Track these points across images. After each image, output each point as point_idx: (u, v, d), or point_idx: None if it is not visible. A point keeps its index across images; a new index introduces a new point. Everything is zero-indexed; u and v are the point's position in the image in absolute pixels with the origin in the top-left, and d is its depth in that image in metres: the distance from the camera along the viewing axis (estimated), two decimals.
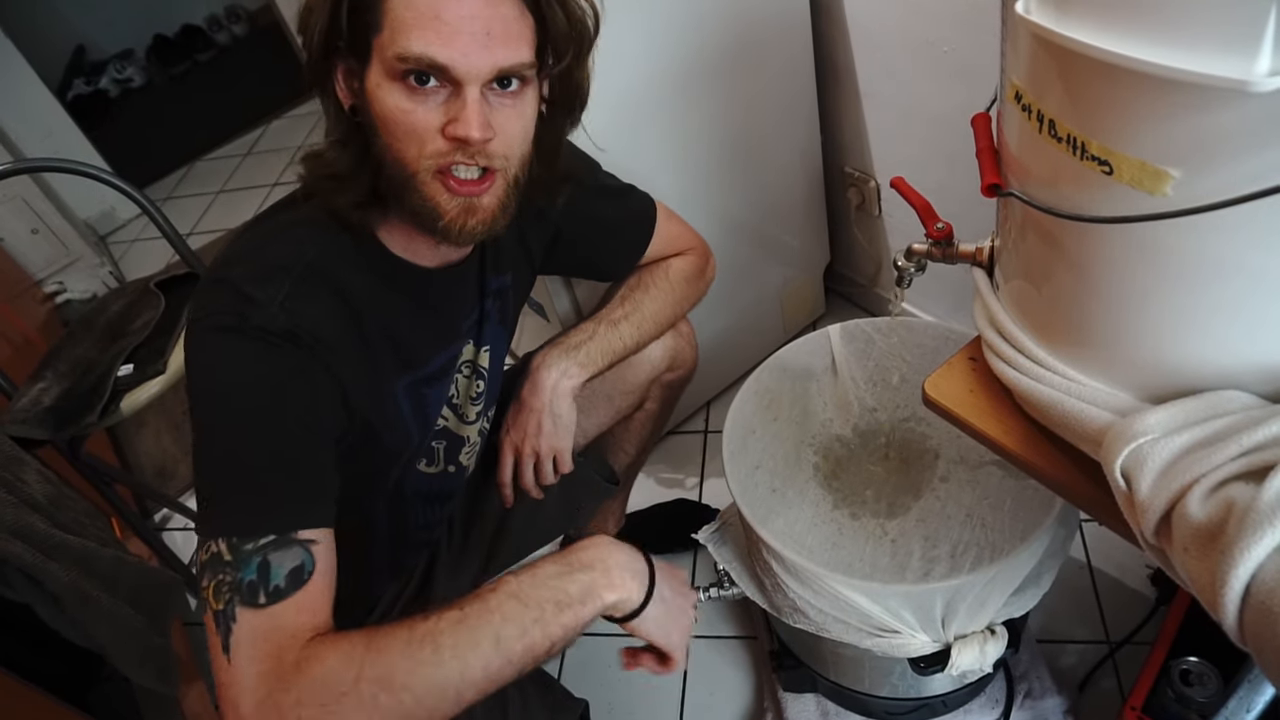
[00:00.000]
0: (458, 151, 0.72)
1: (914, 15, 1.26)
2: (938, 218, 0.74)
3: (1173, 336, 0.53)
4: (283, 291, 0.72)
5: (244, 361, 0.70)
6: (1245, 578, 0.45)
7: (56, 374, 1.32)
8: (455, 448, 0.97)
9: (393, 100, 0.70)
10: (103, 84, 3.73)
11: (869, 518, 0.96)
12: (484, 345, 0.96)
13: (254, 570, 0.64)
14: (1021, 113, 0.52)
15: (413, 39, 0.67)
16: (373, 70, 0.70)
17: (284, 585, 0.64)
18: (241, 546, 0.64)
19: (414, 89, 0.69)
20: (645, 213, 1.06)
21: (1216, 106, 0.40)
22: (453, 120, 0.70)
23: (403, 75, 0.69)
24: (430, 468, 0.94)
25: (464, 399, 0.96)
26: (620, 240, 1.06)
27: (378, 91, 0.70)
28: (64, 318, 2.51)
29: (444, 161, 0.72)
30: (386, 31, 0.68)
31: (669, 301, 1.07)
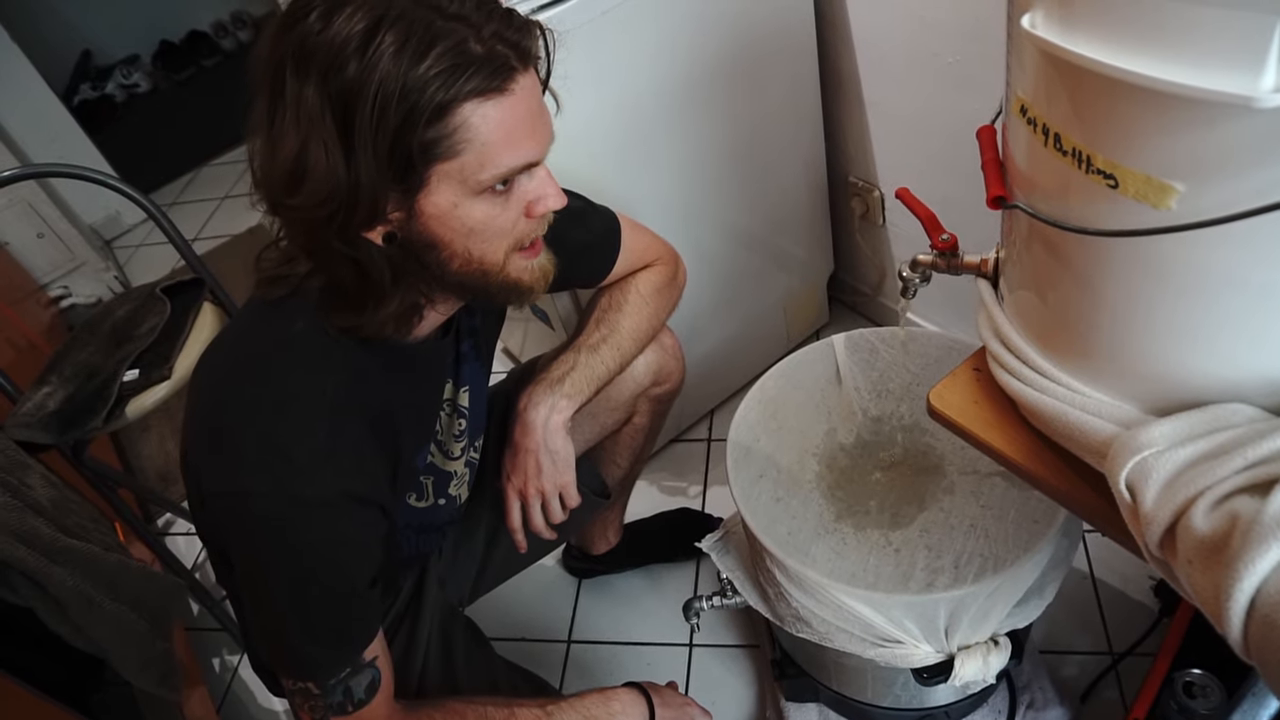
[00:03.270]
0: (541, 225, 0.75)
1: (918, 27, 1.26)
2: (943, 229, 0.74)
3: (1177, 349, 0.53)
4: (319, 440, 0.72)
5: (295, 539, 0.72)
6: (1250, 591, 0.45)
7: (61, 378, 1.33)
8: (443, 482, 0.97)
9: (480, 212, 0.69)
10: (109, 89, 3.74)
11: (873, 528, 0.96)
12: (463, 385, 0.96)
13: (340, 694, 0.78)
14: (1027, 126, 0.52)
15: (510, 155, 0.67)
16: (437, 194, 0.67)
17: (364, 696, 0.79)
18: (326, 683, 0.77)
19: (498, 193, 0.70)
20: (609, 229, 1.05)
21: (1221, 122, 0.40)
22: (537, 200, 0.72)
23: (491, 188, 0.69)
24: (420, 502, 0.95)
25: (447, 436, 0.96)
26: (586, 261, 1.05)
27: (455, 211, 0.69)
28: (69, 322, 2.52)
29: (526, 239, 0.75)
30: (471, 157, 0.66)
31: (644, 316, 1.06)
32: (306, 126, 0.62)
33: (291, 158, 0.63)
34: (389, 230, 0.69)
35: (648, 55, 1.21)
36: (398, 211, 0.68)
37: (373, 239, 0.69)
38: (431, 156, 0.65)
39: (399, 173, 0.65)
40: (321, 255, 0.71)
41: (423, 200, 0.67)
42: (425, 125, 0.63)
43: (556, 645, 1.46)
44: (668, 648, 1.43)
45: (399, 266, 0.72)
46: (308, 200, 0.64)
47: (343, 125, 0.62)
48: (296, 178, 0.64)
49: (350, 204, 0.64)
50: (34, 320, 2.30)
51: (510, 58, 0.65)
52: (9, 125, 2.63)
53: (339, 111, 0.62)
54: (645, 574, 1.52)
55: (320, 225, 0.66)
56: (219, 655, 1.63)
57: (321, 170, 0.63)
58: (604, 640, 1.45)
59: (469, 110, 0.64)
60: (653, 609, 1.48)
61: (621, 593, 1.50)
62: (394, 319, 0.75)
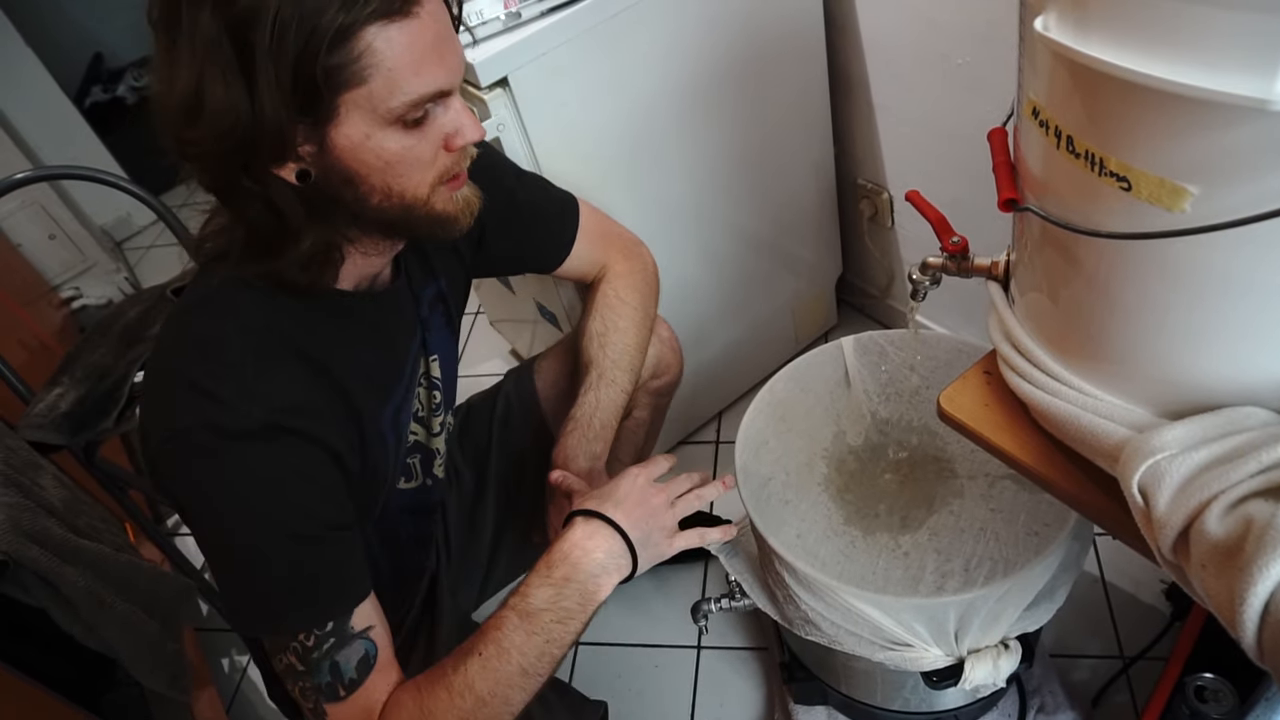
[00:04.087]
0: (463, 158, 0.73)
1: (928, 29, 1.26)
2: (953, 231, 0.74)
3: (1191, 352, 0.53)
4: (248, 376, 0.70)
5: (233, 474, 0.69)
6: (1264, 595, 0.44)
7: (73, 379, 1.33)
8: (428, 461, 0.97)
9: (393, 143, 0.67)
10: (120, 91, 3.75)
11: (882, 531, 0.96)
12: (432, 355, 0.95)
13: (327, 673, 0.72)
14: (1039, 128, 0.52)
15: (419, 81, 0.65)
16: (348, 125, 0.65)
17: (356, 676, 0.73)
18: (309, 656, 0.72)
19: (413, 125, 0.68)
20: (568, 201, 1.05)
21: (1236, 124, 0.40)
22: (455, 133, 0.70)
23: (403, 118, 0.66)
24: (409, 483, 0.94)
25: (427, 411, 0.96)
26: (548, 227, 1.04)
27: (368, 143, 0.66)
28: (80, 323, 2.53)
29: (449, 173, 0.73)
30: (379, 83, 0.63)
31: (637, 324, 1.06)
32: (203, 56, 0.60)
33: (189, 91, 0.61)
34: (302, 167, 0.67)
35: (657, 59, 1.21)
36: (309, 145, 0.66)
37: (285, 176, 0.67)
38: (338, 84, 0.62)
39: (304, 103, 0.62)
40: (231, 196, 0.68)
41: (334, 132, 0.65)
42: (328, 50, 0.60)
43: None
44: (676, 650, 1.42)
45: (314, 204, 0.69)
46: (208, 135, 0.62)
47: (241, 53, 0.60)
48: (194, 111, 0.61)
49: (254, 137, 0.62)
50: (45, 321, 2.32)
51: None
52: (21, 127, 2.65)
53: (236, 39, 0.59)
54: (653, 576, 1.52)
55: (225, 162, 0.64)
56: (228, 656, 1.63)
57: (221, 102, 0.61)
58: (611, 642, 1.45)
59: (373, 34, 0.62)
60: (661, 611, 1.48)
61: (629, 595, 1.50)
62: (309, 261, 0.72)
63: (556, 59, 1.11)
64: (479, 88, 1.09)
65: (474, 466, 1.17)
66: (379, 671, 0.75)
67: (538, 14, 1.09)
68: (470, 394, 1.26)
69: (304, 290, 0.74)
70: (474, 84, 1.09)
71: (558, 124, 1.17)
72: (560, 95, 1.15)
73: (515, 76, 1.09)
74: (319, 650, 0.72)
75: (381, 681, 0.75)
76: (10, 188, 1.32)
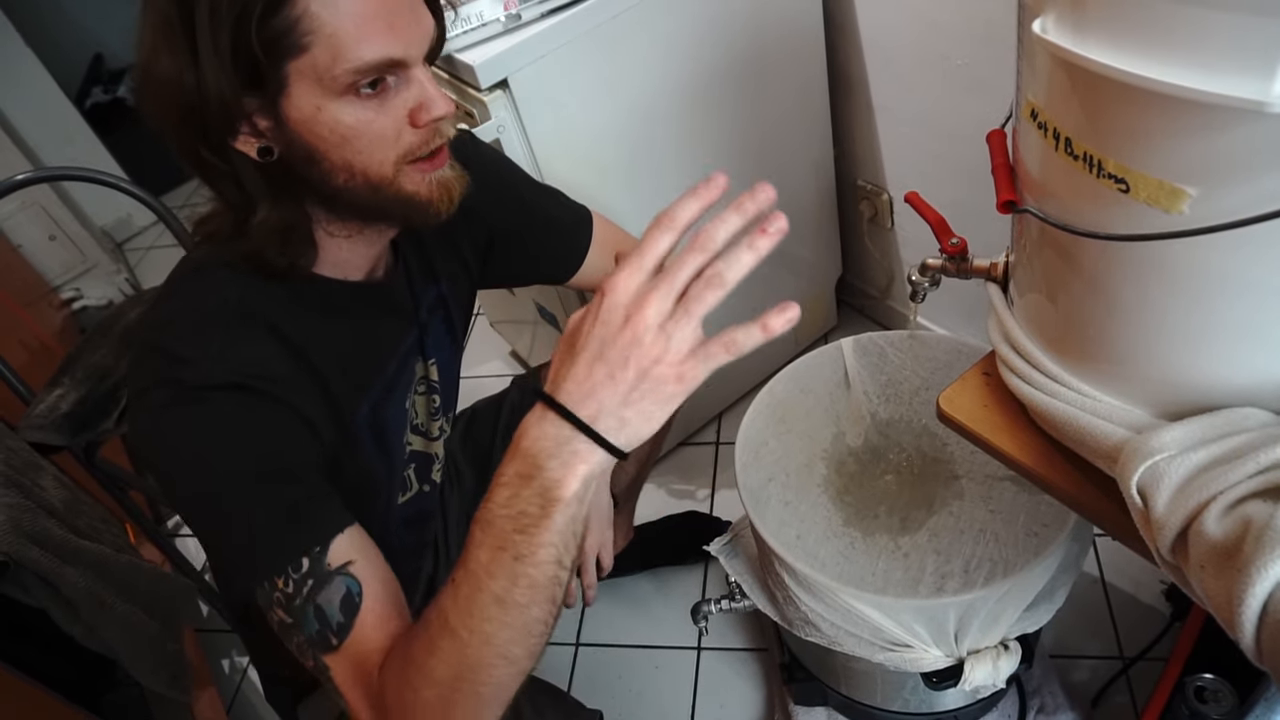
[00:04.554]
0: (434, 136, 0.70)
1: (927, 30, 1.26)
2: (952, 233, 0.74)
3: (1189, 353, 0.53)
4: (215, 343, 0.68)
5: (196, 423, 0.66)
6: (1263, 596, 0.45)
7: (74, 380, 1.33)
8: (426, 467, 0.96)
9: (348, 115, 0.65)
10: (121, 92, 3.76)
11: (881, 532, 0.96)
12: (430, 358, 0.93)
13: (313, 620, 0.64)
14: (1038, 130, 0.52)
15: (364, 47, 0.62)
16: (298, 97, 0.63)
17: (344, 619, 0.65)
18: (292, 605, 0.65)
19: (368, 97, 0.65)
20: (581, 211, 1.03)
21: (1233, 126, 0.40)
22: (419, 107, 0.68)
23: (353, 86, 0.64)
24: (405, 494, 0.93)
25: (425, 417, 0.94)
26: (560, 236, 1.02)
27: (320, 115, 0.64)
28: (80, 324, 2.54)
29: (418, 152, 0.70)
30: (321, 50, 0.61)
31: None
32: (155, 29, 0.61)
33: (144, 63, 0.62)
34: (264, 144, 0.66)
35: (657, 60, 1.22)
36: (265, 120, 0.64)
37: (246, 152, 0.66)
38: (278, 52, 0.61)
39: (247, 73, 0.61)
40: (200, 169, 0.68)
41: (286, 105, 0.64)
42: (262, 16, 0.59)
43: (564, 648, 1.46)
44: (676, 651, 1.42)
45: (279, 182, 0.68)
46: (160, 109, 0.62)
47: (185, 25, 0.59)
48: (149, 84, 0.62)
49: (200, 109, 0.61)
50: (46, 322, 2.32)
51: None
52: (22, 128, 2.66)
53: (182, 10, 0.59)
54: (653, 577, 1.52)
55: (185, 136, 0.64)
56: (229, 656, 1.64)
57: (166, 73, 0.61)
58: (612, 643, 1.45)
59: None
60: (661, 612, 1.48)
61: (629, 596, 1.50)
62: (284, 241, 0.70)
63: (556, 60, 1.11)
64: (479, 89, 1.09)
65: (477, 472, 1.17)
66: (370, 613, 0.65)
67: (537, 16, 1.09)
68: (473, 397, 1.26)
69: (283, 273, 0.73)
70: (474, 85, 1.09)
71: (557, 125, 1.17)
72: (560, 96, 1.15)
73: (515, 78, 1.09)
74: (300, 595, 0.65)
75: (376, 627, 0.65)
76: (11, 189, 1.32)
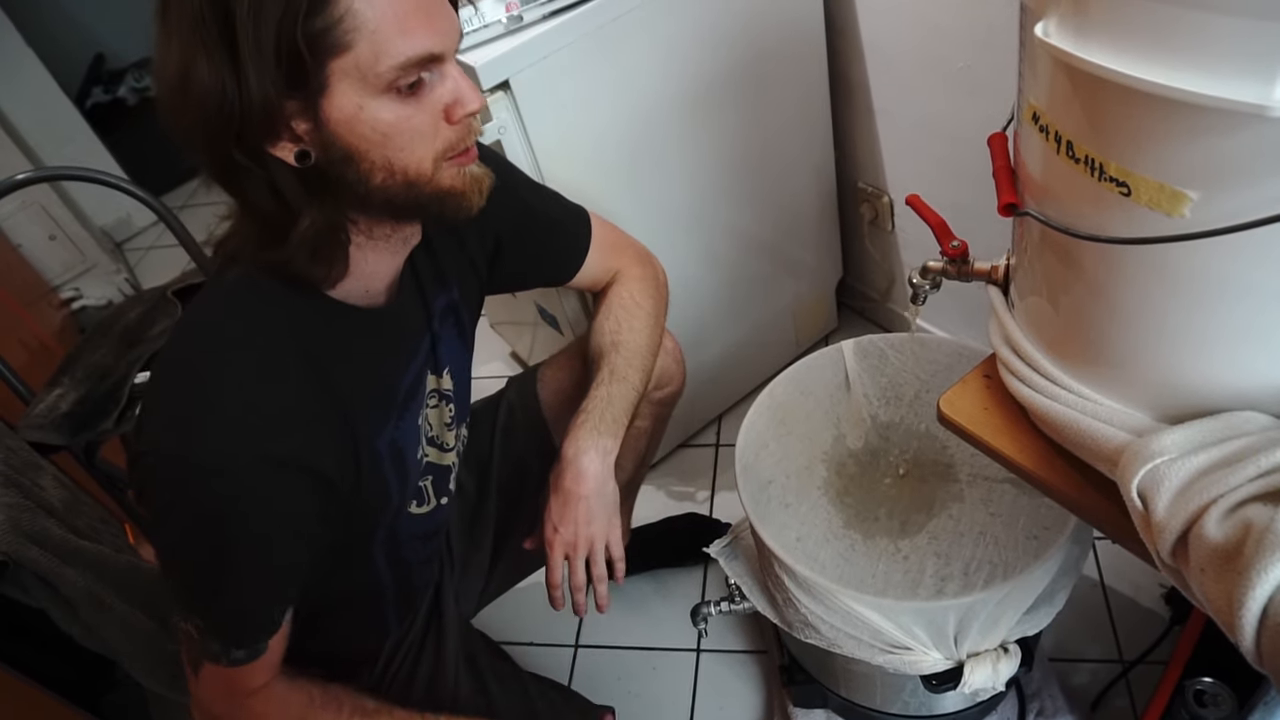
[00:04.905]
0: (468, 132, 0.70)
1: (929, 33, 1.27)
2: (953, 235, 0.74)
3: (1190, 357, 0.53)
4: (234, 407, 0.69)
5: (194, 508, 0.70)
6: (1263, 599, 0.45)
7: (73, 380, 1.33)
8: (443, 480, 0.95)
9: (388, 113, 0.65)
10: (121, 92, 3.76)
11: (881, 535, 0.96)
12: (444, 368, 0.93)
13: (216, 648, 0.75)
14: (1039, 134, 0.53)
15: (407, 42, 0.62)
16: (339, 96, 0.63)
17: (242, 658, 0.76)
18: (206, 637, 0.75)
19: (406, 94, 0.65)
20: (579, 212, 1.03)
21: (1235, 130, 0.40)
22: (454, 102, 0.68)
23: (393, 84, 0.64)
24: (422, 508, 0.92)
25: (439, 428, 0.94)
26: (563, 237, 1.02)
27: (361, 114, 0.64)
28: (80, 324, 2.53)
29: (456, 147, 0.70)
30: (364, 47, 0.61)
31: (650, 327, 1.04)
32: (188, 35, 0.59)
33: (178, 73, 0.60)
34: (302, 148, 0.65)
35: (658, 62, 1.22)
36: (304, 123, 0.64)
37: (284, 158, 0.65)
38: (322, 51, 0.60)
39: (291, 74, 0.60)
40: (233, 182, 0.67)
41: (327, 105, 0.63)
42: (307, 15, 0.59)
43: (564, 650, 1.46)
44: (675, 653, 1.42)
45: (316, 186, 0.67)
46: (197, 116, 0.61)
47: (223, 27, 0.58)
48: (183, 93, 0.60)
49: (243, 114, 0.60)
50: (46, 321, 2.32)
51: None
52: (22, 128, 2.65)
53: (218, 12, 0.58)
54: (653, 579, 1.52)
55: (217, 144, 0.62)
56: None
57: (206, 80, 0.59)
58: (611, 645, 1.45)
59: None
60: (660, 614, 1.48)
61: (629, 598, 1.50)
62: (317, 249, 0.70)
63: (558, 62, 1.11)
64: (480, 90, 1.09)
65: (476, 474, 1.17)
66: (261, 661, 0.77)
67: (539, 17, 1.09)
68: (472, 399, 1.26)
69: (315, 284, 0.73)
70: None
71: (559, 127, 1.17)
72: (561, 98, 1.15)
73: (516, 80, 1.09)
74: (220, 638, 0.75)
75: (261, 668, 0.77)
76: (11, 188, 1.32)
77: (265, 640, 0.76)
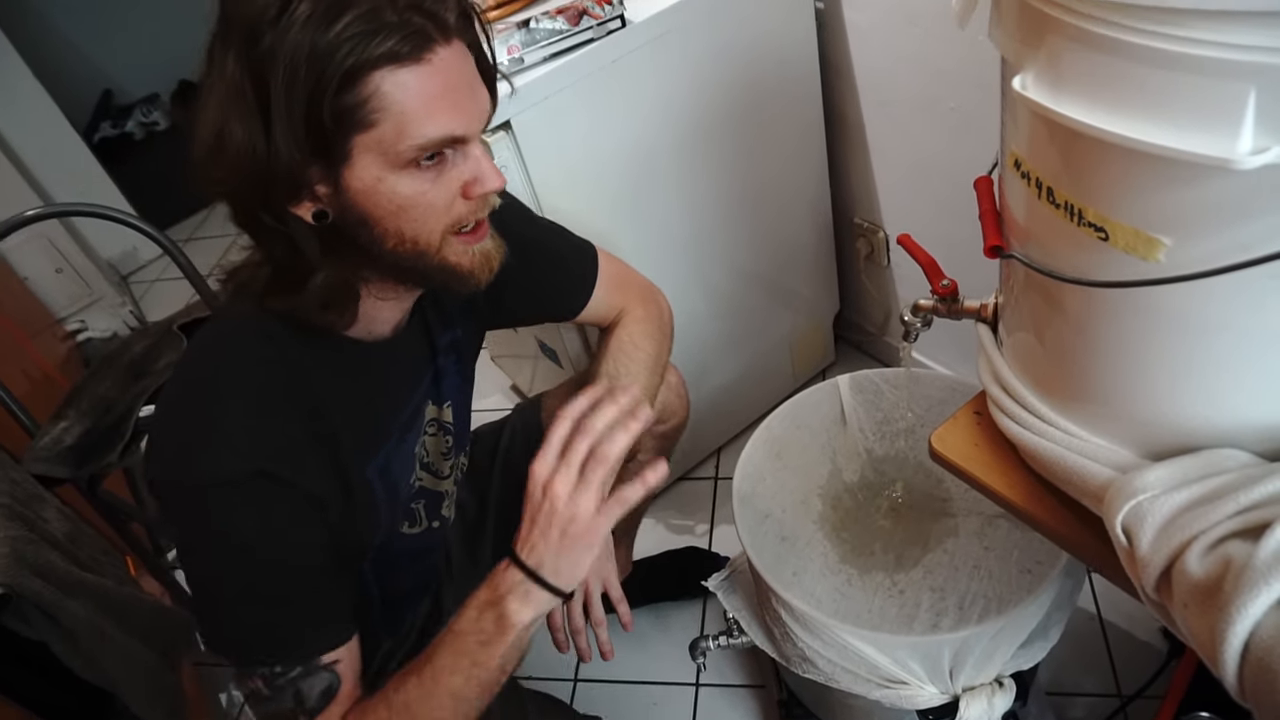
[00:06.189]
0: (481, 207, 0.73)
1: (918, 74, 1.29)
2: (943, 274, 0.76)
3: (1170, 395, 0.54)
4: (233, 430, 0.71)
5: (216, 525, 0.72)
6: (1244, 635, 0.45)
7: (79, 412, 1.35)
8: (435, 504, 0.97)
9: (406, 187, 0.68)
10: (129, 127, 3.81)
11: (877, 569, 0.97)
12: (445, 401, 0.95)
13: (290, 699, 0.74)
14: (1021, 179, 0.54)
15: (430, 125, 0.66)
16: (360, 168, 0.66)
17: (317, 705, 0.75)
18: (275, 682, 0.74)
19: (425, 169, 0.68)
20: (585, 246, 1.05)
21: (1203, 181, 0.42)
22: (473, 180, 0.71)
23: (415, 161, 0.67)
24: (414, 528, 0.94)
25: (435, 456, 0.96)
26: (567, 271, 1.03)
27: (380, 186, 0.67)
28: (84, 355, 2.55)
29: (465, 222, 0.73)
30: (388, 126, 0.65)
31: (648, 371, 1.04)
32: (227, 98, 0.63)
33: (214, 131, 0.64)
34: (320, 208, 0.68)
35: (657, 102, 1.24)
36: (325, 187, 0.67)
37: (303, 215, 0.68)
38: (348, 126, 0.64)
39: (316, 144, 0.64)
40: (256, 233, 0.71)
41: (348, 174, 0.66)
42: (337, 92, 0.62)
43: (563, 684, 1.46)
44: (674, 687, 1.42)
45: (331, 244, 0.70)
46: (229, 173, 0.64)
47: (259, 96, 0.62)
48: (218, 151, 0.64)
49: (270, 177, 0.64)
50: (50, 353, 2.33)
51: (428, 28, 0.65)
52: (30, 162, 2.69)
53: (256, 82, 0.62)
54: (652, 612, 1.52)
55: (245, 200, 0.67)
56: (226, 690, 1.63)
57: (239, 143, 0.63)
58: (610, 679, 1.45)
59: (381, 77, 0.63)
60: (659, 648, 1.48)
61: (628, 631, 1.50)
62: (328, 301, 0.73)
63: (558, 103, 1.14)
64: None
65: (476, 493, 1.19)
66: (339, 703, 0.77)
67: (540, 60, 1.12)
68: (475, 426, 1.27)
69: (321, 331, 0.76)
70: None
71: (560, 166, 1.19)
72: (561, 138, 1.17)
73: (518, 120, 1.12)
74: (284, 678, 0.74)
75: (339, 704, 0.77)
76: (20, 225, 1.35)
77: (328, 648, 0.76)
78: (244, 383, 0.74)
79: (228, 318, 0.78)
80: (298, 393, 0.75)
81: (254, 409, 0.73)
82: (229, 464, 0.70)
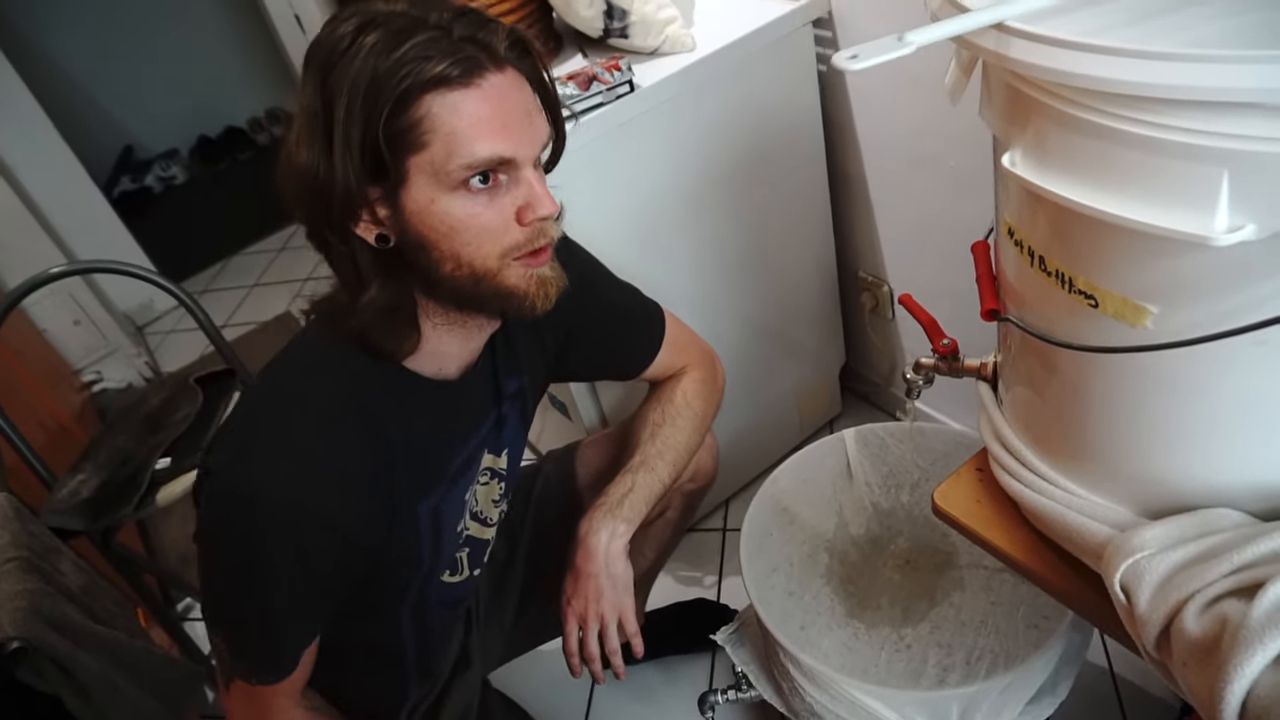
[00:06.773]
0: (538, 235, 0.75)
1: (917, 133, 1.33)
2: (943, 334, 0.78)
3: (1165, 455, 0.56)
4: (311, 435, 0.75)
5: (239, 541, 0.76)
6: (1241, 694, 0.46)
7: (95, 465, 1.37)
8: (479, 552, 0.98)
9: (458, 209, 0.70)
10: (148, 181, 3.90)
11: (884, 624, 0.98)
12: (503, 449, 0.97)
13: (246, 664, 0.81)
14: (1015, 246, 0.57)
15: (477, 145, 0.68)
16: (415, 189, 0.69)
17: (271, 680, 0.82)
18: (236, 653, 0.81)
19: (477, 191, 0.70)
20: (654, 309, 1.07)
21: (1185, 255, 0.44)
22: (526, 205, 0.73)
23: (465, 182, 0.69)
24: (454, 577, 0.95)
25: (485, 504, 0.97)
26: (636, 332, 1.06)
27: (433, 207, 0.70)
28: (99, 406, 2.58)
29: (522, 248, 0.74)
30: (438, 147, 0.67)
31: (694, 428, 1.06)
32: (303, 121, 0.68)
33: (289, 153, 0.69)
34: (381, 231, 0.71)
35: (666, 161, 1.28)
36: (385, 209, 0.70)
37: (365, 237, 0.71)
38: (402, 148, 0.67)
39: (373, 166, 0.67)
40: (323, 248, 0.74)
41: (405, 196, 0.69)
42: (390, 115, 0.65)
43: None
44: None
45: (392, 267, 0.73)
46: (296, 189, 0.69)
47: (325, 119, 0.66)
48: (290, 168, 0.69)
49: (328, 196, 0.67)
50: (66, 404, 2.36)
51: (481, 57, 0.68)
52: (53, 216, 2.75)
53: (326, 107, 0.66)
54: (661, 666, 1.51)
55: (312, 215, 0.70)
56: None
57: (305, 163, 0.67)
58: None
59: (432, 100, 0.66)
60: (668, 701, 1.47)
61: (637, 684, 1.49)
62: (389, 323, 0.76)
63: (568, 164, 1.14)
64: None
65: (507, 539, 1.19)
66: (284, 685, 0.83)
67: None
68: None
69: (389, 355, 0.78)
70: None
71: (573, 217, 1.19)
72: (571, 198, 1.18)
73: None
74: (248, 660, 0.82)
75: (283, 691, 0.83)
76: (44, 283, 1.39)
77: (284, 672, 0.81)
78: (310, 397, 0.77)
79: (304, 338, 0.82)
80: (360, 415, 0.78)
81: (315, 425, 0.76)
82: (271, 483, 0.73)
